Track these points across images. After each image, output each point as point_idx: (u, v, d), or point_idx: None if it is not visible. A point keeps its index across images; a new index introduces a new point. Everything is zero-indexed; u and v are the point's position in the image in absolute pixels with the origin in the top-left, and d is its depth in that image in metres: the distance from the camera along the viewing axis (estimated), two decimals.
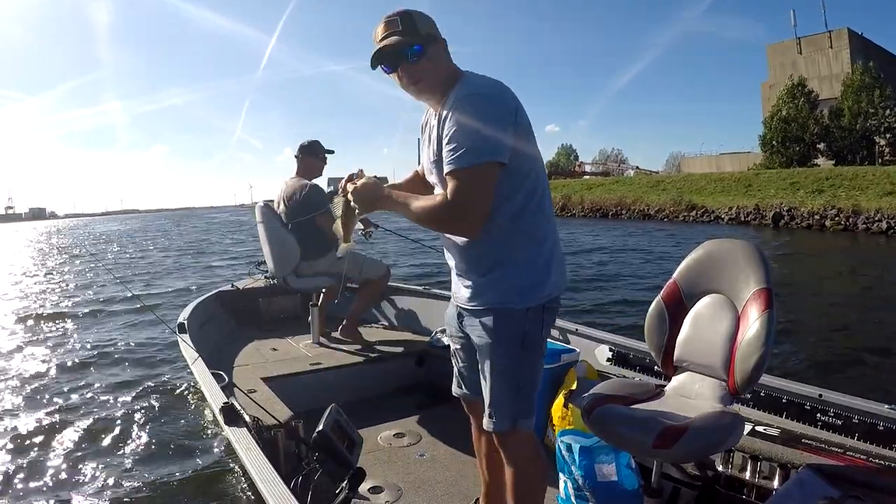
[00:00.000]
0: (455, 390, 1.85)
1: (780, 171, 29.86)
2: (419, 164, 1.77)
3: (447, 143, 1.44)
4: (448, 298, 4.22)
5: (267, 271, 4.11)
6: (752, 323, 1.74)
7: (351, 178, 1.64)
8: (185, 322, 3.35)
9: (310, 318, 3.77)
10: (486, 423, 1.59)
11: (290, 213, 3.68)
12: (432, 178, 1.62)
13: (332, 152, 3.90)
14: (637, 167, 59.22)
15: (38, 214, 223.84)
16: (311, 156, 3.83)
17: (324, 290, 3.90)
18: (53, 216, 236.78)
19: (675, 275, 2.05)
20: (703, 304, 1.95)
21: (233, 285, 4.64)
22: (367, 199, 1.56)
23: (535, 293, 1.54)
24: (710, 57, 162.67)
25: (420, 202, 1.51)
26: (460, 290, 1.64)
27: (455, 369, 1.83)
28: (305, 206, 3.63)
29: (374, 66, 1.54)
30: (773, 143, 35.17)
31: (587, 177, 51.95)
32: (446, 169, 1.44)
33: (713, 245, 2.03)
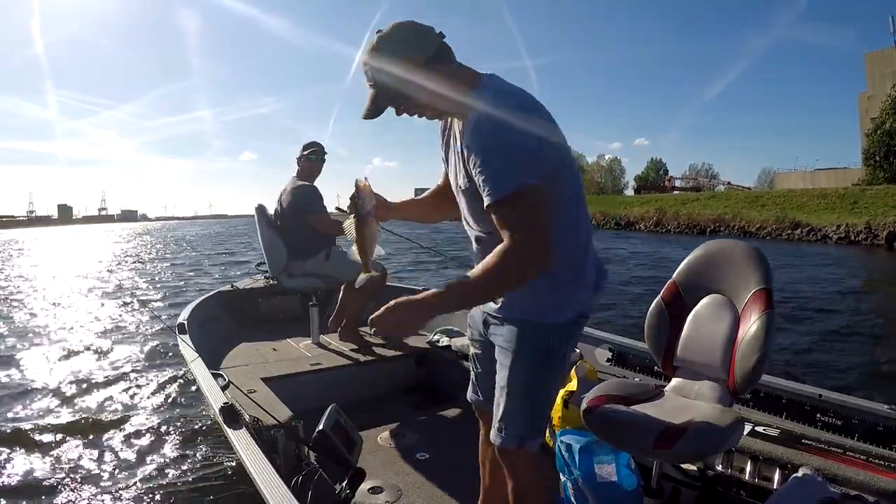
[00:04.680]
0: (470, 395, 1.79)
1: (888, 187, 27.30)
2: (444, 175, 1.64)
3: (480, 174, 1.31)
4: None
5: (267, 271, 4.12)
6: (752, 323, 1.74)
7: (354, 198, 1.50)
8: (185, 322, 3.34)
9: (310, 318, 3.77)
10: (494, 435, 1.52)
11: (280, 214, 3.76)
12: (462, 205, 1.49)
13: (321, 153, 3.85)
14: (729, 182, 58.15)
15: (129, 217, 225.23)
16: (306, 158, 3.83)
17: (343, 286, 3.91)
18: (144, 218, 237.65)
19: (675, 275, 2.05)
20: (704, 304, 1.95)
21: (233, 285, 4.63)
22: (411, 321, 1.37)
23: (566, 308, 1.46)
24: (801, 67, 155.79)
25: (479, 273, 1.31)
26: None
27: (472, 374, 1.77)
28: (293, 207, 3.66)
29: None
30: (876, 157, 33.23)
31: (677, 192, 50.79)
32: (488, 201, 1.30)
33: (713, 245, 2.03)
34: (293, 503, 1.50)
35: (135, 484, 2.91)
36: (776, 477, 1.95)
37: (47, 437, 3.55)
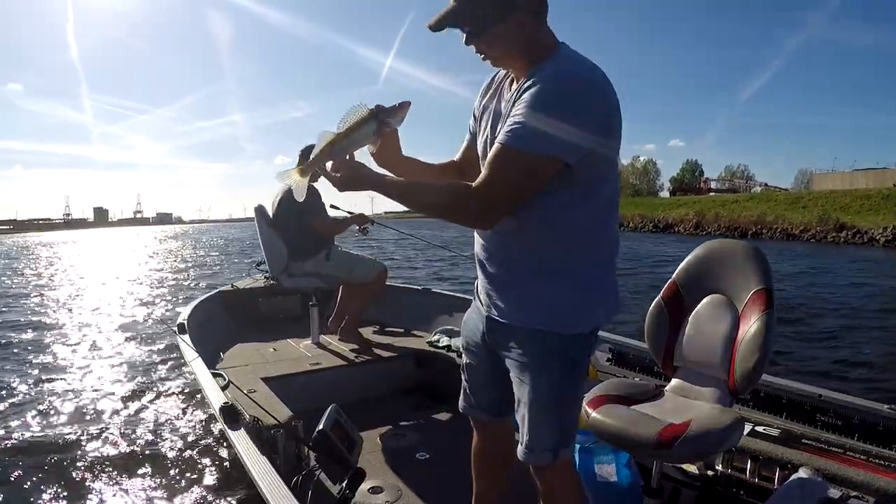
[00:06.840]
0: (462, 406, 1.67)
1: None
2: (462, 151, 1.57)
3: (510, 117, 1.23)
4: (450, 298, 4.21)
5: (267, 271, 4.13)
6: (753, 323, 1.75)
7: (382, 109, 1.33)
8: (185, 322, 3.35)
9: (310, 318, 3.78)
10: (523, 454, 1.41)
11: (278, 214, 3.77)
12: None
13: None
14: (765, 184, 57.82)
15: (164, 219, 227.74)
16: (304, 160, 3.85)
17: (341, 288, 3.91)
18: (179, 221, 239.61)
19: (675, 275, 2.05)
20: (704, 304, 1.95)
21: (233, 285, 4.64)
22: (352, 181, 1.32)
23: (591, 316, 1.36)
24: (836, 66, 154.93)
25: (431, 186, 1.35)
26: (498, 299, 1.41)
27: (466, 385, 1.64)
28: (291, 208, 3.67)
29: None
30: None
31: (713, 193, 50.52)
32: (502, 139, 1.22)
33: (713, 245, 2.03)
34: (293, 503, 1.50)
35: (134, 483, 2.91)
36: (776, 477, 1.95)
37: (46, 436, 3.55)
